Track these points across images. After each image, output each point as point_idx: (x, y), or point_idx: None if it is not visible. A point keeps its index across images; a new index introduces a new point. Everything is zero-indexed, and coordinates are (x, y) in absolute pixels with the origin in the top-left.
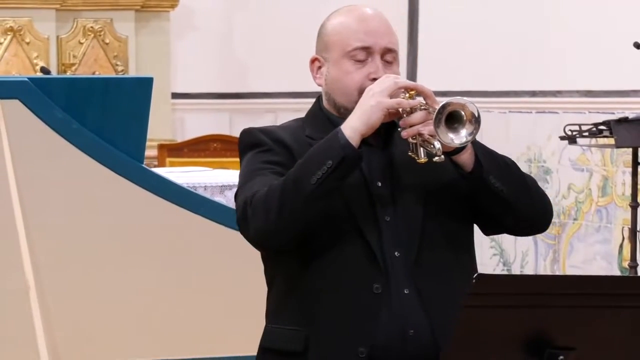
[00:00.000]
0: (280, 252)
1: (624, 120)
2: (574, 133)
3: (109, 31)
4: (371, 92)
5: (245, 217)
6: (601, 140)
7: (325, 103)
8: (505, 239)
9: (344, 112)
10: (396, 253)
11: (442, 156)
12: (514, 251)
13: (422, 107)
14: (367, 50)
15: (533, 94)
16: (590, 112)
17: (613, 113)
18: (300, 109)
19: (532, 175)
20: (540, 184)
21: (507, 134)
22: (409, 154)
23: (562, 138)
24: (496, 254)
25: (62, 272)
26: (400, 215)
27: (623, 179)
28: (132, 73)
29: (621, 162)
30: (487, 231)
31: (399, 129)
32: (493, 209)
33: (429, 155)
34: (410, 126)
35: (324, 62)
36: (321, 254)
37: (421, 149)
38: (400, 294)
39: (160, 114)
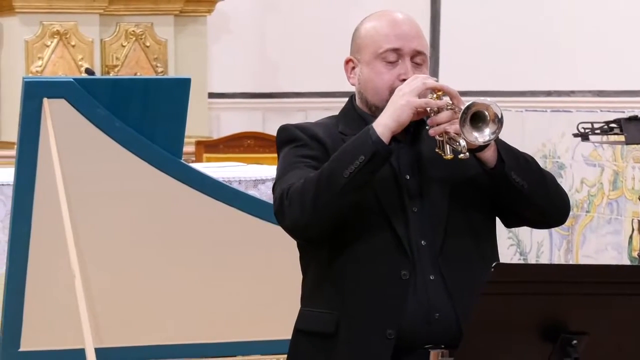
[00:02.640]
0: (314, 241)
1: (633, 119)
2: (587, 130)
3: (150, 35)
4: (401, 92)
5: (282, 209)
6: (612, 138)
7: (357, 101)
8: (522, 230)
9: (375, 110)
10: (422, 242)
11: (467, 153)
12: (530, 242)
13: (449, 107)
14: (398, 52)
15: (548, 93)
16: (601, 110)
17: (623, 112)
18: (329, 107)
19: (547, 170)
20: None
21: (523, 132)
22: (436, 150)
23: (575, 135)
24: (513, 244)
25: (105, 261)
26: (426, 206)
27: (633, 173)
28: (171, 74)
29: (631, 157)
30: (508, 224)
31: (426, 127)
32: (514, 203)
33: (455, 152)
34: (437, 125)
35: (357, 63)
36: (352, 242)
37: (447, 146)
38: (426, 280)
39: (197, 112)
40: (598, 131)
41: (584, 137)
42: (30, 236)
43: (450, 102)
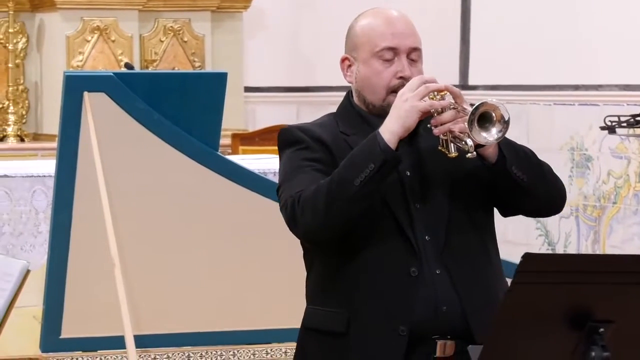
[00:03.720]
0: (325, 244)
1: None
2: (614, 123)
3: (187, 30)
4: (404, 96)
5: (294, 216)
6: (638, 130)
7: (355, 99)
8: (550, 221)
9: (373, 108)
10: (427, 237)
11: (474, 153)
12: (558, 232)
13: (452, 107)
14: (394, 50)
15: (576, 87)
16: (628, 104)
17: None
18: None
19: (574, 162)
20: (582, 170)
21: (552, 125)
22: (439, 149)
23: (602, 128)
24: (541, 234)
25: (143, 250)
26: (428, 202)
27: None
28: (208, 68)
29: None
30: (505, 213)
31: (428, 125)
32: (513, 195)
33: (460, 150)
34: (442, 124)
35: (353, 61)
36: (360, 242)
37: (452, 144)
38: (433, 275)
39: (233, 105)
40: (624, 124)
41: (611, 129)
42: (71, 226)
43: (453, 102)
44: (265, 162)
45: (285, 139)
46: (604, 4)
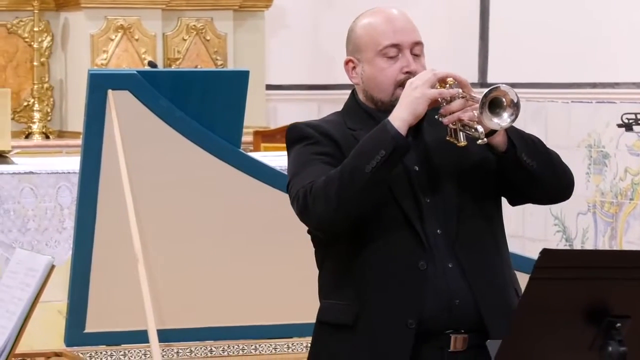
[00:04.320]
0: (336, 236)
1: None
2: (630, 121)
3: (210, 29)
4: (413, 84)
5: (307, 206)
6: None
7: (362, 98)
8: (568, 217)
9: (381, 105)
10: (438, 231)
11: (485, 139)
12: (576, 228)
13: (461, 96)
14: (397, 46)
15: (593, 85)
16: None
17: None
18: None
19: (592, 159)
20: (599, 167)
21: (569, 122)
22: (448, 139)
23: (619, 126)
24: (559, 230)
25: (166, 246)
26: (438, 195)
27: None
28: (231, 67)
29: None
30: (513, 202)
31: (437, 117)
32: (522, 183)
33: (470, 138)
34: (451, 113)
35: (357, 63)
36: (369, 236)
37: (461, 133)
38: (444, 268)
39: (255, 103)
40: None
41: (628, 127)
42: (95, 222)
43: (461, 91)
44: (286, 159)
45: (294, 135)
46: (622, 3)
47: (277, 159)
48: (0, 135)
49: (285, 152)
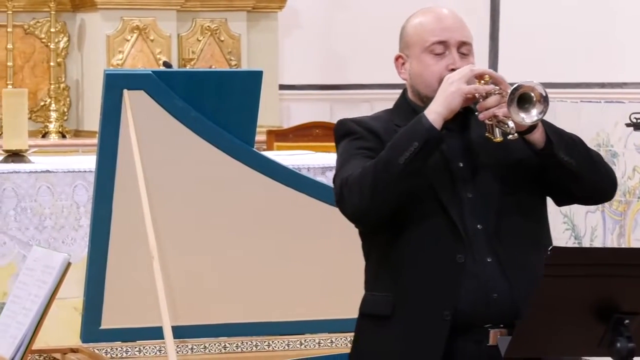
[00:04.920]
0: (374, 228)
1: None
2: (639, 120)
3: (224, 30)
4: (450, 79)
5: (342, 197)
6: None
7: (409, 95)
8: (576, 215)
9: (427, 101)
10: (478, 226)
11: (516, 134)
12: (585, 226)
13: (496, 92)
14: (444, 44)
15: (602, 85)
16: None
17: None
18: (393, 98)
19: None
20: None
21: (578, 122)
22: (486, 135)
23: (627, 125)
24: (568, 228)
25: (181, 243)
26: (480, 191)
27: None
28: (244, 67)
29: None
30: (559, 203)
31: (475, 113)
32: (563, 181)
33: (504, 134)
34: (486, 109)
35: (406, 59)
36: (409, 229)
37: (497, 129)
38: (483, 263)
39: (268, 103)
40: None
41: (636, 126)
42: (111, 220)
43: (497, 87)
44: (299, 158)
45: (340, 132)
46: (631, 3)
47: (290, 157)
48: (17, 134)
49: (297, 152)
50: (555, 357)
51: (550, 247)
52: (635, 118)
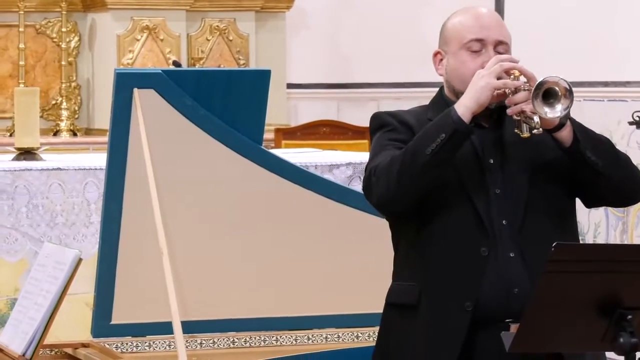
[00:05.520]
0: (402, 218)
1: None
2: None
3: (233, 29)
4: (480, 74)
5: (370, 185)
6: None
7: (446, 91)
8: (580, 213)
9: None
10: (504, 222)
11: (541, 129)
12: (588, 223)
13: (525, 88)
14: (481, 42)
15: (605, 84)
16: None
17: None
18: (399, 97)
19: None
20: None
21: (581, 120)
22: (515, 130)
23: (630, 123)
24: None
25: (190, 240)
26: (509, 188)
27: None
28: (252, 66)
29: None
30: (588, 204)
31: (507, 110)
32: (590, 181)
33: (530, 129)
34: (515, 104)
35: (444, 55)
36: (436, 220)
37: (524, 125)
38: (506, 257)
39: (276, 101)
40: None
41: (639, 125)
42: (121, 217)
43: (527, 83)
44: (307, 156)
45: (375, 125)
46: (634, 3)
47: (297, 155)
48: (29, 132)
49: (305, 149)
50: (559, 351)
51: (554, 244)
52: (637, 116)
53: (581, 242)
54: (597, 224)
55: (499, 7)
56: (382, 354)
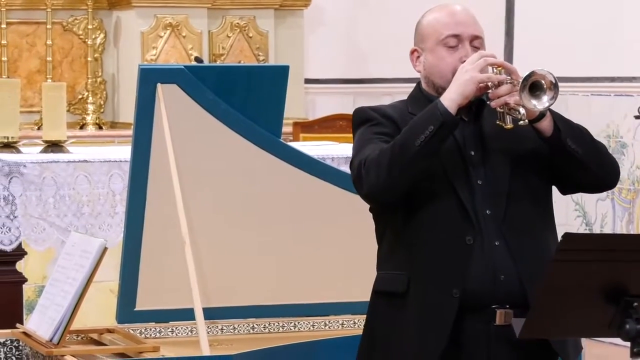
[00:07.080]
0: (388, 209)
1: None
2: None
3: (252, 27)
4: (464, 68)
5: (360, 177)
6: None
7: (424, 86)
8: (587, 203)
9: (442, 92)
10: (487, 211)
11: (526, 120)
12: (595, 213)
13: (508, 81)
14: (457, 37)
15: (612, 79)
16: None
17: None
18: None
19: (610, 148)
20: (617, 156)
21: (589, 114)
22: (497, 122)
23: (636, 117)
24: (579, 215)
25: (212, 229)
26: (490, 178)
27: None
28: (272, 62)
29: None
30: (564, 191)
31: (488, 102)
32: (569, 169)
33: (515, 121)
34: (498, 97)
35: (421, 52)
36: (422, 211)
37: (507, 116)
38: (491, 245)
39: (294, 96)
40: None
41: None
42: (145, 207)
43: (509, 77)
44: (324, 149)
45: (358, 119)
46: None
47: (315, 148)
48: (56, 126)
49: (322, 142)
50: (567, 337)
51: (563, 233)
52: None
53: (589, 232)
54: (604, 215)
55: (509, 4)
56: (370, 341)
